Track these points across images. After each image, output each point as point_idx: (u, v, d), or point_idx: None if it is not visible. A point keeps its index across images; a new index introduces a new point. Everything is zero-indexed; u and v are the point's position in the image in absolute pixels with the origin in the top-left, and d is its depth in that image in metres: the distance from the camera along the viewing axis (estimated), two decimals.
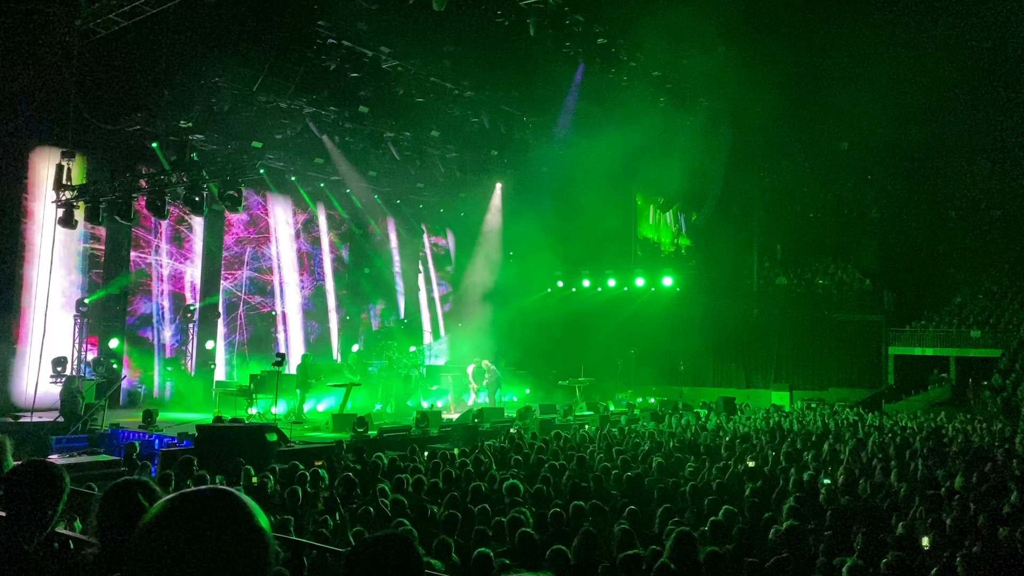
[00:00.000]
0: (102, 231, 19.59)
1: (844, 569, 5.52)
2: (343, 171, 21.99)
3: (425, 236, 28.65)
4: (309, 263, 24.87)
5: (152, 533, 1.35)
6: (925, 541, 6.67)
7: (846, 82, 26.69)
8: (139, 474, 10.06)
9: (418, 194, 26.30)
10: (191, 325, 21.62)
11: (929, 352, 28.03)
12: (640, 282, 29.09)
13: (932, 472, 10.46)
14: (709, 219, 32.65)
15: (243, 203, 17.87)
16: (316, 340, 24.43)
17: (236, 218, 22.42)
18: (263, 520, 1.41)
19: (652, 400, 24.99)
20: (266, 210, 23.88)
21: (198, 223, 21.67)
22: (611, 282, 29.29)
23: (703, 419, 19.26)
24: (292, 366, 20.41)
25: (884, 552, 6.29)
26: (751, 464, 11.01)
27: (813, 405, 23.44)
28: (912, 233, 32.95)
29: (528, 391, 24.69)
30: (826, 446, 13.04)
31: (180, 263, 21.78)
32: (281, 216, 24.12)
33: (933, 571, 5.61)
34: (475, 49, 17.86)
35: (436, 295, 28.99)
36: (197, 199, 17.14)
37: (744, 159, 29.14)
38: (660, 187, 30.75)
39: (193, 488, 1.44)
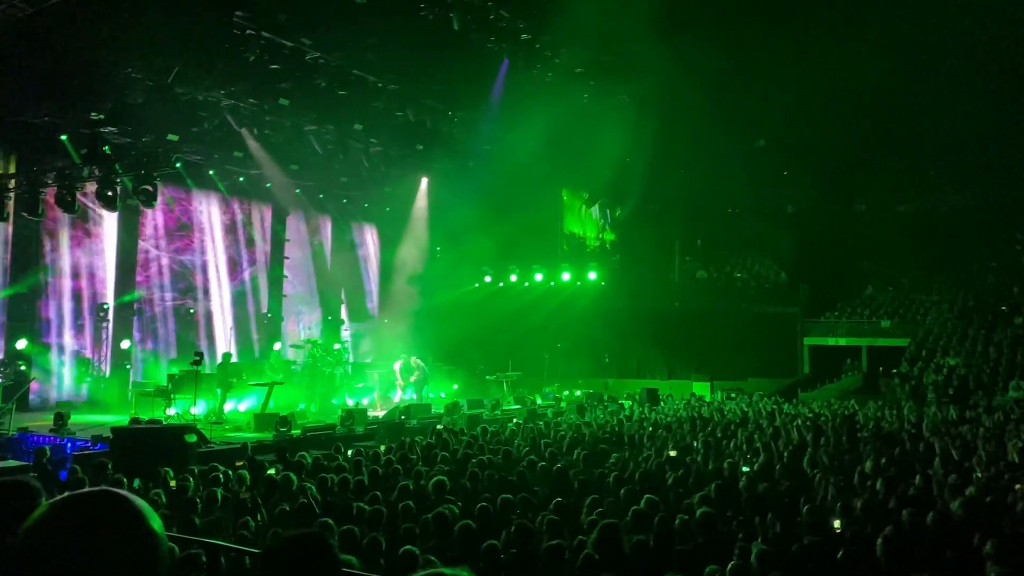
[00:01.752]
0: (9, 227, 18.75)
1: (753, 555, 5.69)
2: (264, 165, 21.51)
3: (349, 231, 28.28)
4: (230, 259, 24.28)
5: (36, 534, 1.32)
6: (836, 524, 6.92)
7: (764, 81, 27.42)
8: (28, 479, 9.68)
9: (342, 188, 25.93)
10: (105, 325, 20.87)
11: (842, 342, 29.15)
12: (566, 276, 29.39)
13: (844, 457, 10.87)
14: (632, 214, 33.22)
15: (158, 198, 17.33)
16: (238, 338, 23.88)
17: (153, 213, 21.71)
18: (154, 522, 1.38)
19: (579, 393, 25.27)
20: (184, 205, 23.21)
21: (111, 219, 20.91)
22: (538, 276, 29.50)
23: (627, 410, 19.57)
24: (213, 365, 19.92)
25: (798, 536, 6.52)
26: (673, 453, 11.25)
27: (733, 395, 24.06)
28: (826, 228, 34.14)
29: (456, 387, 24.65)
30: (744, 434, 13.41)
31: (93, 260, 21.00)
32: (200, 211, 23.49)
33: (839, 553, 5.82)
34: (399, 42, 17.68)
35: (365, 287, 28.64)
36: (110, 194, 16.59)
37: (666, 155, 29.68)
38: (585, 183, 31.14)
39: (82, 490, 1.41)
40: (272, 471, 10.20)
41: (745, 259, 35.30)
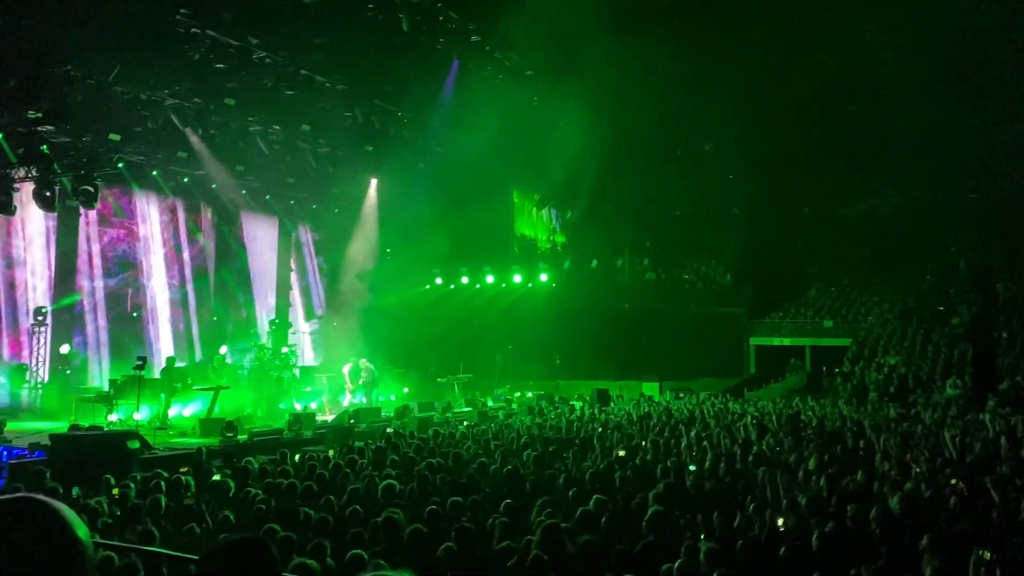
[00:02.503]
0: None
1: (702, 553, 5.77)
2: (208, 165, 21.14)
3: (297, 233, 27.92)
4: (174, 261, 23.77)
5: None
6: (780, 522, 7.04)
7: (711, 85, 27.85)
8: None
9: (289, 189, 25.59)
10: (43, 329, 20.25)
11: (787, 342, 29.75)
12: (518, 278, 29.45)
13: (789, 455, 11.08)
14: (583, 216, 33.46)
15: (99, 198, 16.91)
16: (183, 342, 23.40)
17: (94, 214, 21.15)
18: (80, 529, 1.35)
19: (530, 394, 25.31)
20: (127, 206, 22.66)
21: (51, 220, 20.31)
22: (489, 278, 29.51)
23: (578, 411, 19.67)
24: (157, 369, 19.49)
25: (743, 533, 6.63)
26: (622, 453, 11.33)
27: (681, 395, 24.33)
28: (770, 230, 34.79)
29: (407, 390, 24.49)
30: (693, 433, 13.57)
31: (30, 261, 20.38)
32: (143, 212, 22.94)
33: (782, 549, 5.94)
34: (347, 43, 17.57)
35: (313, 289, 28.29)
36: (48, 194, 16.12)
37: (616, 158, 29.95)
38: (536, 185, 31.28)
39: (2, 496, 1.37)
40: (218, 477, 10.02)
41: (693, 261, 35.79)
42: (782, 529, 7.01)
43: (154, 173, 21.82)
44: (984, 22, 25.00)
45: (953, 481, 8.68)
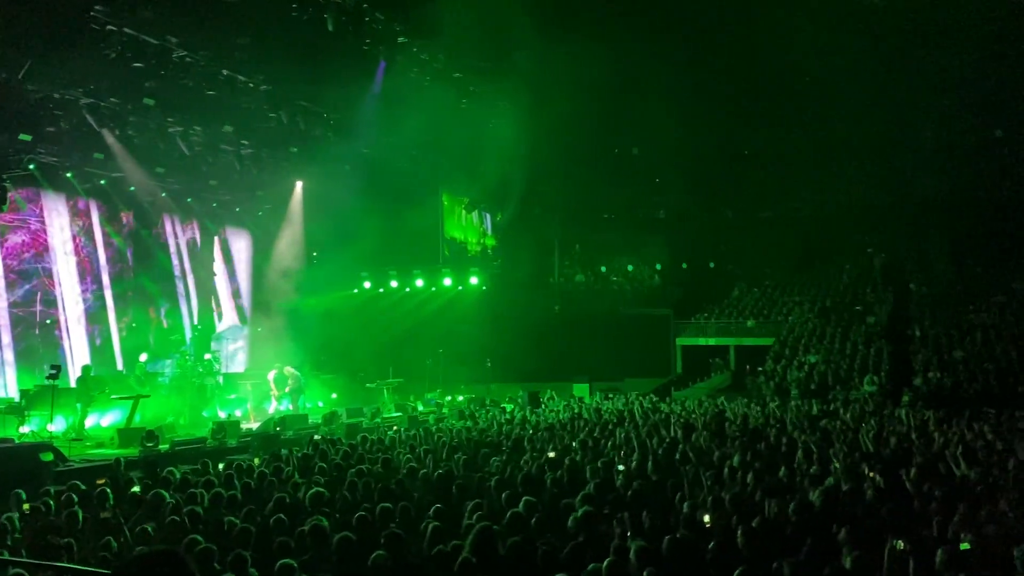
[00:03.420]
0: None
1: (631, 551, 5.83)
2: (126, 167, 20.44)
3: (220, 236, 27.21)
4: (91, 266, 22.89)
5: None
6: (706, 519, 7.17)
7: (637, 90, 28.28)
8: None
9: (211, 192, 24.93)
10: None
11: (712, 342, 30.42)
12: (448, 281, 29.34)
13: (715, 453, 11.30)
14: (513, 219, 33.56)
15: (8, 201, 16.20)
16: (103, 351, 22.56)
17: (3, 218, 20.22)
18: None
19: (461, 398, 25.25)
20: (39, 209, 21.73)
21: None
22: (419, 282, 29.32)
23: (509, 414, 19.71)
24: (74, 378, 18.78)
25: (671, 531, 6.72)
26: (552, 455, 11.39)
27: (610, 395, 24.60)
28: (695, 232, 35.56)
29: (335, 395, 24.13)
30: (622, 433, 13.74)
31: None
32: (57, 216, 22.04)
33: (711, 545, 6.04)
34: (270, 43, 17.19)
35: (230, 296, 27.60)
36: None
37: (545, 161, 30.16)
38: (466, 188, 31.21)
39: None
40: (137, 488, 9.71)
41: (621, 263, 36.29)
42: (708, 526, 7.15)
43: (68, 175, 21.02)
44: (898, 34, 26.02)
45: (870, 475, 8.98)
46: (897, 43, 26.29)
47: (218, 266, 26.96)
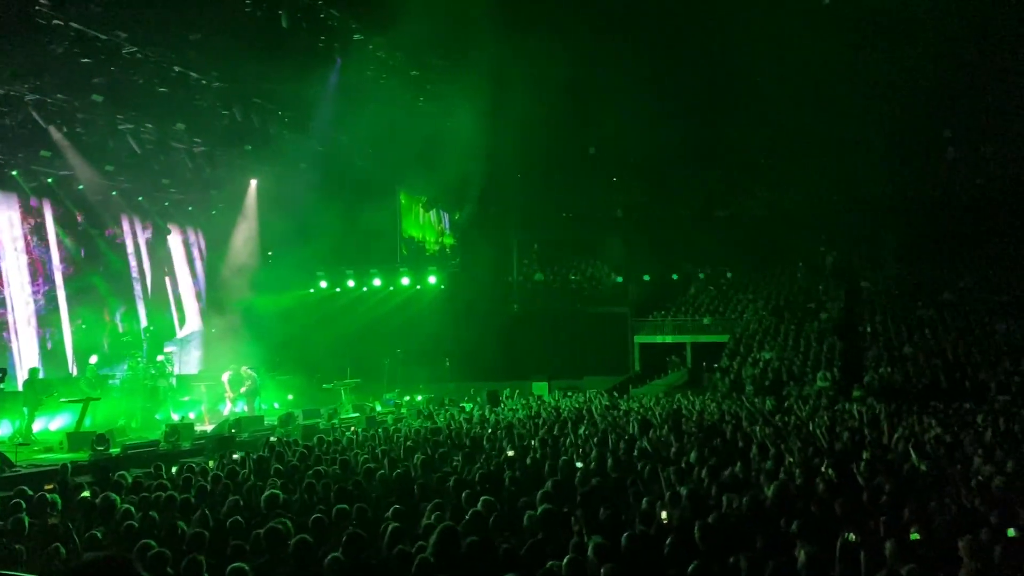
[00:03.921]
0: None
1: (590, 548, 5.86)
2: (74, 165, 19.95)
3: (172, 236, 26.68)
4: (42, 267, 22.30)
5: None
6: (664, 514, 7.23)
7: (594, 89, 28.43)
8: None
9: (163, 191, 24.46)
10: None
11: (669, 339, 30.73)
12: (406, 281, 29.20)
13: (671, 449, 11.40)
14: (471, 218, 33.52)
15: None
16: (52, 352, 22.00)
17: None
18: None
19: (420, 398, 25.13)
20: None
21: None
22: (376, 281, 29.14)
23: (468, 413, 19.67)
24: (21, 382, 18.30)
25: (629, 527, 6.76)
26: (511, 453, 11.39)
27: (570, 393, 24.70)
28: (652, 231, 35.87)
29: (291, 397, 23.85)
30: (580, 431, 13.80)
31: None
32: (6, 214, 21.42)
33: (668, 541, 6.10)
34: (223, 38, 16.91)
35: (184, 297, 27.08)
36: None
37: (503, 160, 30.15)
38: (423, 186, 31.09)
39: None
40: (87, 493, 9.48)
41: (579, 262, 36.48)
42: (666, 522, 7.20)
43: (13, 173, 20.48)
44: (850, 35, 26.50)
45: (823, 469, 9.14)
46: (849, 44, 26.76)
47: (170, 266, 26.45)
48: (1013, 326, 25.88)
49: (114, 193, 22.96)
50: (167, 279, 26.32)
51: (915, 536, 6.26)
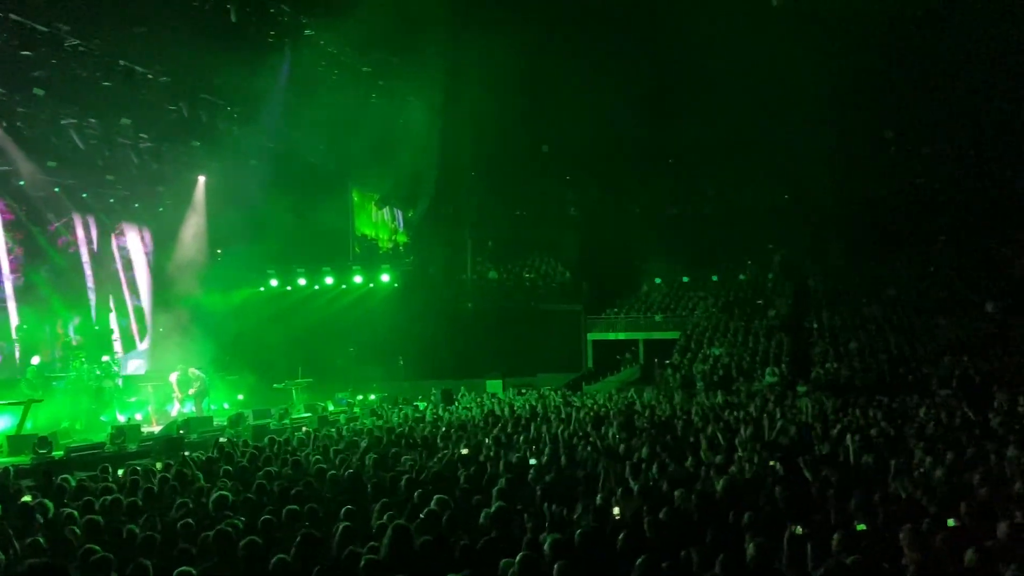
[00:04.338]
0: None
1: (545, 545, 5.88)
2: (14, 160, 19.38)
3: (117, 233, 26.02)
4: None
5: None
6: (616, 510, 7.29)
7: (547, 88, 28.51)
8: None
9: (108, 187, 23.82)
10: None
11: (621, 336, 30.99)
12: (358, 279, 28.92)
13: (623, 445, 11.50)
14: (425, 216, 33.36)
15: None
16: None
17: None
18: None
19: (373, 397, 24.94)
20: None
21: None
22: (328, 280, 28.80)
23: (421, 411, 19.60)
24: None
25: (582, 523, 6.81)
26: (465, 451, 11.38)
27: (524, 391, 24.76)
28: (605, 229, 36.12)
29: (241, 397, 23.46)
30: (533, 428, 13.85)
31: None
32: None
33: (620, 536, 6.15)
34: (170, 32, 16.58)
35: (127, 298, 26.43)
36: None
37: (457, 158, 30.07)
38: (376, 184, 30.86)
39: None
40: (28, 498, 9.22)
41: (533, 259, 36.56)
42: (618, 517, 7.27)
43: None
44: (794, 40, 27.00)
45: (771, 463, 9.31)
46: (797, 46, 27.26)
47: (116, 264, 25.80)
48: (953, 322, 26.67)
49: (56, 189, 22.35)
50: (113, 277, 25.65)
51: (861, 527, 6.41)
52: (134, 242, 26.74)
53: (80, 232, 24.58)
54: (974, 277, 31.34)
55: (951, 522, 6.43)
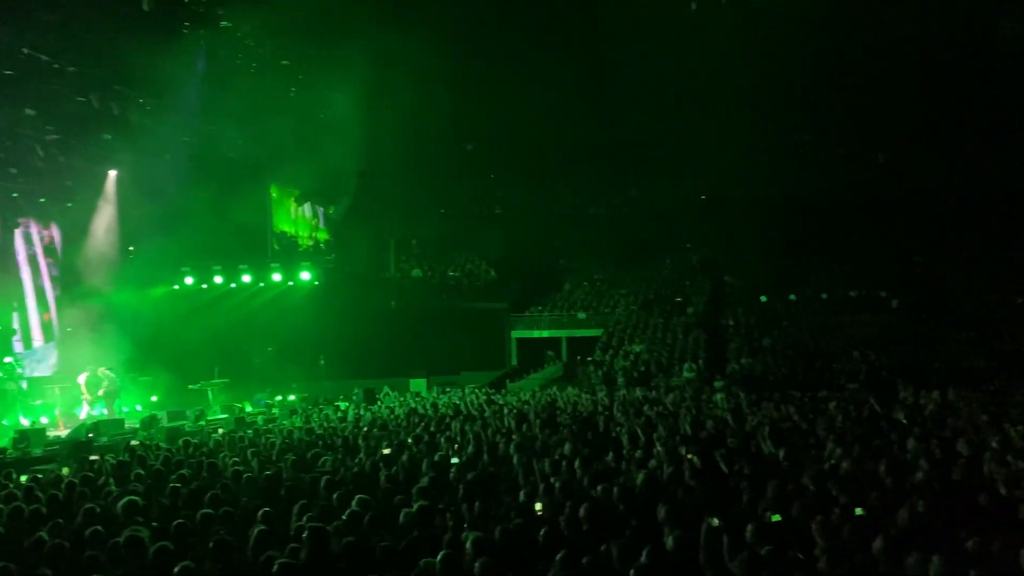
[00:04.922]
0: None
1: (468, 543, 5.88)
2: None
3: (20, 230, 24.83)
4: None
5: None
6: (538, 506, 7.33)
7: (472, 85, 28.48)
8: None
9: (11, 181, 22.71)
10: None
11: (545, 334, 31.27)
12: (277, 277, 28.30)
13: (546, 441, 11.58)
14: (347, 213, 32.93)
15: None
16: None
17: None
18: None
19: (293, 397, 24.48)
20: None
21: None
22: (246, 277, 28.07)
23: (343, 412, 19.34)
24: None
25: (504, 521, 6.83)
26: (386, 451, 11.27)
27: (447, 389, 24.69)
28: (530, 228, 36.35)
29: (155, 398, 22.70)
30: (457, 426, 13.81)
31: None
32: None
33: (542, 532, 6.19)
34: (79, 21, 15.92)
35: (30, 297, 25.27)
36: None
37: (380, 155, 29.77)
38: (296, 180, 30.29)
39: None
40: None
41: (458, 258, 36.48)
42: (540, 513, 7.31)
43: None
44: (713, 42, 27.67)
45: (689, 457, 9.51)
46: (716, 48, 27.93)
47: (20, 262, 24.63)
48: (862, 319, 27.80)
49: None
50: (16, 275, 24.48)
51: (775, 518, 6.61)
52: (40, 239, 25.57)
53: None
54: (883, 275, 32.70)
55: (859, 511, 6.68)
